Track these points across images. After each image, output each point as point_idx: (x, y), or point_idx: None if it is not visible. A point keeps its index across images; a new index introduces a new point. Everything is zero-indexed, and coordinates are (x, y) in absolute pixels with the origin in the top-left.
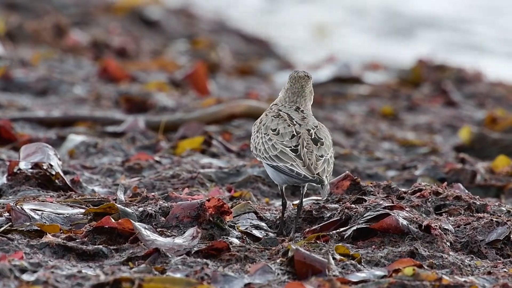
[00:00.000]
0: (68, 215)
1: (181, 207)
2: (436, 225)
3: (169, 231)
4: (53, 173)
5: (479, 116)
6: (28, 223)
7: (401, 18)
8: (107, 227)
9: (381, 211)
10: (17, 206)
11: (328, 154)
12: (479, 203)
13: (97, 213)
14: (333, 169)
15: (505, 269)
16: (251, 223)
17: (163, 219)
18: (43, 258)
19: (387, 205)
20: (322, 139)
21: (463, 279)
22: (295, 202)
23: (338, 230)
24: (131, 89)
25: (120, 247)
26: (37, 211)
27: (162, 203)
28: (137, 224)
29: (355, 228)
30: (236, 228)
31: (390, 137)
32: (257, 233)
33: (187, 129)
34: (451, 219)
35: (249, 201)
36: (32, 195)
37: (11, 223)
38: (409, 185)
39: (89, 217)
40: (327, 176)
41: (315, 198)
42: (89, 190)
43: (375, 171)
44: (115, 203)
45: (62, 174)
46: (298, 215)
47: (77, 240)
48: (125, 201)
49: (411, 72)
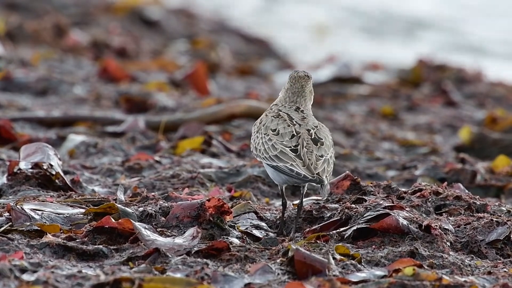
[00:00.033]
0: (68, 215)
1: (181, 207)
2: (436, 225)
3: (169, 231)
4: (53, 173)
5: (479, 116)
6: (28, 223)
7: (401, 18)
8: (107, 227)
9: (381, 211)
10: (17, 206)
11: (328, 154)
12: (479, 203)
13: (97, 213)
14: (333, 169)
15: (505, 269)
16: (251, 223)
17: (163, 219)
18: (43, 258)
19: (387, 205)
20: (322, 139)
21: (463, 279)
22: (295, 202)
23: (338, 230)
24: (131, 89)
25: (120, 247)
26: (37, 211)
27: (162, 203)
28: (137, 224)
29: (355, 228)
30: (236, 228)
31: (390, 137)
32: (257, 233)
33: (187, 129)
34: (451, 219)
35: (249, 201)
36: (32, 195)
37: (11, 223)
38: (409, 185)
39: (89, 217)
40: (327, 176)
41: (315, 198)
42: (89, 190)
43: (375, 171)
44: (115, 203)
45: (62, 174)
46: (298, 215)
47: (77, 240)
48: (125, 201)
49: (411, 72)
